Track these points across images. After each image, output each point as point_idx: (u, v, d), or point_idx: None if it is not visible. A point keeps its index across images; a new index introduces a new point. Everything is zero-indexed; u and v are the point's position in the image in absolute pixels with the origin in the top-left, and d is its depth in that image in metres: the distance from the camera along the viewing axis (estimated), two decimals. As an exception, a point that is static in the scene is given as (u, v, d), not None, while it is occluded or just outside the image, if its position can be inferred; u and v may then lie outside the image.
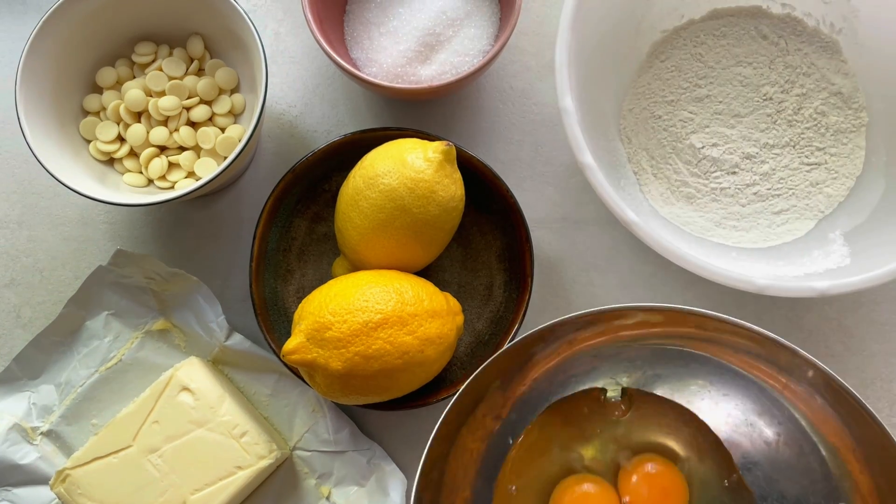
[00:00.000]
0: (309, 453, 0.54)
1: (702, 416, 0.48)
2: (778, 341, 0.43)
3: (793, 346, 0.43)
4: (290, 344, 0.46)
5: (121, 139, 0.54)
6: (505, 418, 0.48)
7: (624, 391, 0.50)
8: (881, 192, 0.52)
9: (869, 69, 0.54)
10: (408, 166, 0.48)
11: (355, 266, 0.51)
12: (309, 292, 0.53)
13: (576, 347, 0.47)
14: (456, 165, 0.49)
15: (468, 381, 0.45)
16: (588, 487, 0.50)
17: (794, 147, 0.55)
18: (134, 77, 0.55)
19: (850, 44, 0.54)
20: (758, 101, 0.55)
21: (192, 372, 0.52)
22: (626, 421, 0.50)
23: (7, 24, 0.60)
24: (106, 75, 0.54)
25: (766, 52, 0.55)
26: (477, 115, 0.58)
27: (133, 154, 0.54)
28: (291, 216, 0.55)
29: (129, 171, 0.54)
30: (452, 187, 0.49)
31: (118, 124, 0.54)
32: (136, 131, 0.53)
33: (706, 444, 0.49)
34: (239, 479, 0.50)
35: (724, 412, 0.49)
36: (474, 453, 0.48)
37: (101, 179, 0.53)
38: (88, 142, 0.54)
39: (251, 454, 0.51)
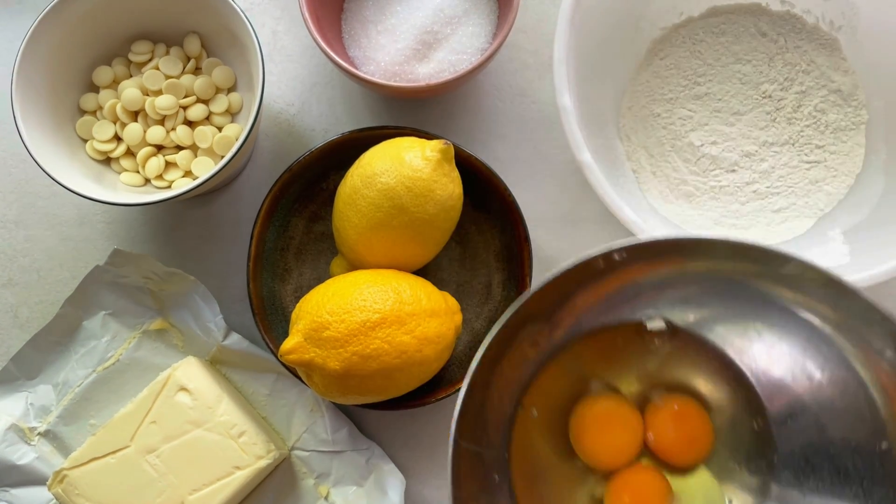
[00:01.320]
0: (307, 453, 0.54)
1: (752, 360, 0.46)
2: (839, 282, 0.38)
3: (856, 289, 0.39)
4: (287, 344, 0.46)
5: (117, 138, 0.54)
6: (544, 348, 0.46)
7: (669, 325, 0.47)
8: (881, 190, 0.52)
9: (868, 66, 0.54)
10: (405, 165, 0.47)
11: (353, 265, 0.51)
12: (307, 292, 0.53)
13: (626, 280, 0.44)
14: (454, 164, 0.49)
15: (505, 317, 0.40)
16: (611, 404, 0.48)
17: (793, 145, 0.55)
18: (131, 76, 0.55)
19: (849, 41, 0.54)
20: (757, 99, 0.55)
21: (190, 372, 0.52)
22: (662, 357, 0.48)
23: (3, 22, 0.60)
24: (102, 74, 0.54)
25: (766, 49, 0.55)
26: (475, 114, 0.58)
27: (130, 153, 0.54)
28: (289, 215, 0.55)
29: (126, 170, 0.54)
30: (450, 186, 0.48)
31: (115, 123, 0.54)
32: (133, 130, 0.53)
33: (740, 389, 0.47)
34: (237, 480, 0.50)
35: (776, 355, 0.46)
36: (512, 381, 0.45)
37: (97, 179, 0.52)
38: (85, 141, 0.54)
39: (249, 454, 0.51)
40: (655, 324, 0.47)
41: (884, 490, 0.40)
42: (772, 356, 0.46)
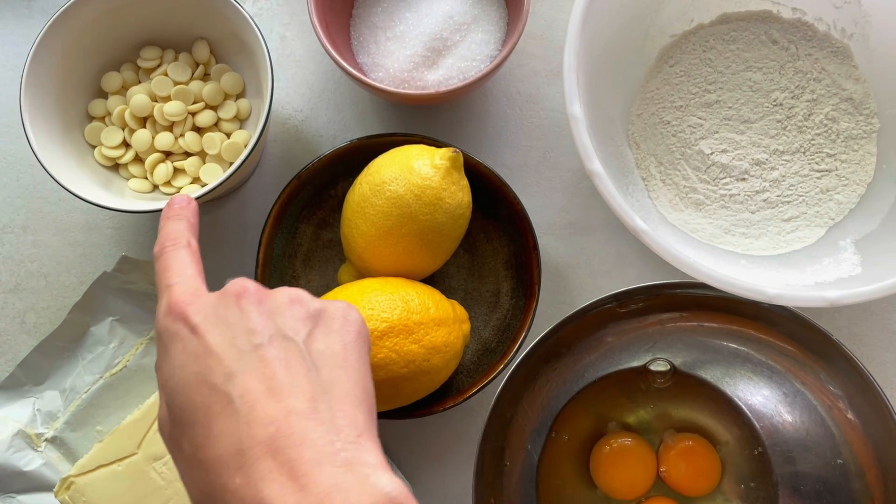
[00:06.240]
0: (314, 461, 0.53)
1: (739, 399, 0.53)
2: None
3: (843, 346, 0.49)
4: (295, 352, 0.45)
5: (126, 144, 0.54)
6: (568, 379, 0.53)
7: (671, 367, 0.53)
8: (892, 199, 0.52)
9: (880, 75, 0.53)
10: (414, 173, 0.47)
11: (361, 273, 0.51)
12: (314, 299, 0.53)
13: (644, 330, 0.53)
14: (463, 172, 0.49)
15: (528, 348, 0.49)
16: (628, 442, 0.54)
17: (804, 153, 0.54)
18: (139, 82, 0.55)
19: (861, 49, 0.54)
20: (768, 107, 0.55)
21: (197, 379, 0.52)
22: (672, 399, 0.54)
23: (12, 28, 0.60)
24: (111, 80, 0.54)
25: (777, 57, 0.55)
26: (484, 121, 0.58)
27: (138, 159, 0.54)
28: (297, 222, 0.54)
29: (135, 176, 0.54)
30: (459, 194, 0.48)
31: (123, 130, 0.54)
32: (142, 137, 0.53)
33: (741, 422, 0.53)
34: (244, 487, 0.50)
35: (760, 397, 0.53)
36: (541, 403, 0.53)
37: (106, 185, 0.52)
38: (93, 147, 0.54)
39: (256, 462, 0.50)
40: (658, 366, 0.53)
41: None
42: (757, 396, 0.54)
